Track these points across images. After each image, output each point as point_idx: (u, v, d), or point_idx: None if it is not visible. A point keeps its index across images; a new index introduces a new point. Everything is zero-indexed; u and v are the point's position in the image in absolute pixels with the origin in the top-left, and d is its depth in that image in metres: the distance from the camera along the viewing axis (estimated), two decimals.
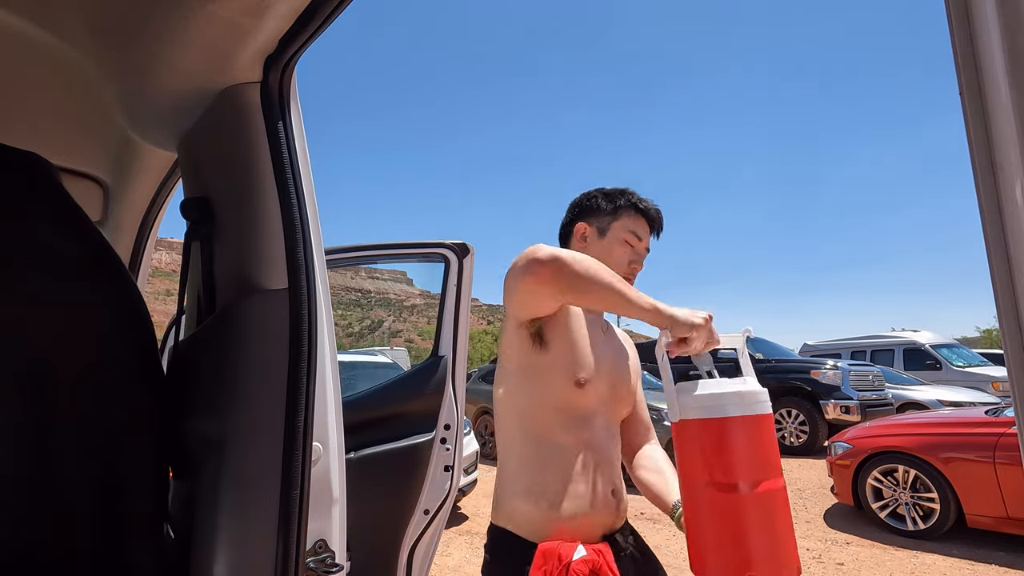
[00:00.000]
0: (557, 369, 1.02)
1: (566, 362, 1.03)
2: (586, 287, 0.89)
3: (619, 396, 1.13)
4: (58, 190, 0.78)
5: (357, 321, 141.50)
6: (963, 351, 10.98)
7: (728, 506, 0.81)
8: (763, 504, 0.80)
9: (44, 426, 0.71)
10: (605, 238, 1.14)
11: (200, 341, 0.90)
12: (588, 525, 0.98)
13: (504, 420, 1.08)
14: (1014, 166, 0.39)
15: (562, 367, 1.02)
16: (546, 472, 0.98)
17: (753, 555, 0.78)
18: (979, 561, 3.64)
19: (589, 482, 0.99)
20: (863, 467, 4.39)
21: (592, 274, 0.89)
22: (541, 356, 1.03)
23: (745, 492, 0.80)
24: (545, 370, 1.03)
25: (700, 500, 0.84)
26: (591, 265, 0.90)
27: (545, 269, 0.90)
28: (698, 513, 0.85)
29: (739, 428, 0.83)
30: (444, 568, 3.82)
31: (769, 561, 0.78)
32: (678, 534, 4.42)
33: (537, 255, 0.91)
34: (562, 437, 1.00)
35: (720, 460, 0.82)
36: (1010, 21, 0.39)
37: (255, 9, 0.70)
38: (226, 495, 0.73)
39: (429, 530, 1.83)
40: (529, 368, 1.04)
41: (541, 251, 0.91)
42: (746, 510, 0.80)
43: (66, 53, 0.96)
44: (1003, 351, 0.41)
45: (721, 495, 0.81)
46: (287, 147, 0.81)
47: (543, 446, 1.00)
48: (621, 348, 1.20)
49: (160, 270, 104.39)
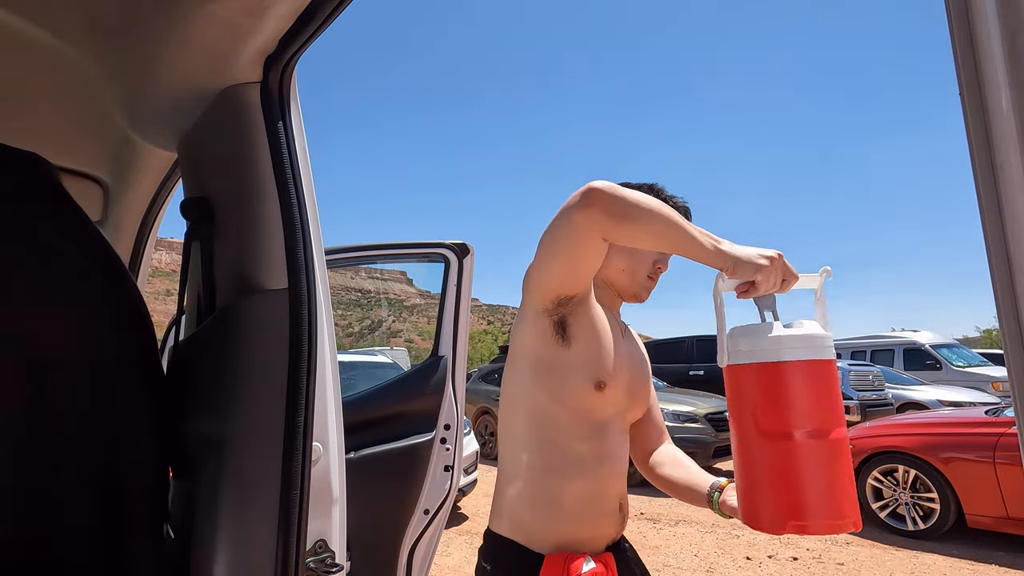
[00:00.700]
0: (578, 368, 0.94)
1: (588, 361, 0.95)
2: (642, 216, 0.81)
3: (636, 401, 1.08)
4: (58, 190, 0.78)
5: (357, 321, 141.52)
6: (963, 351, 10.98)
7: (784, 454, 0.77)
8: (821, 453, 0.76)
9: (44, 426, 0.71)
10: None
11: (200, 341, 0.90)
12: (596, 537, 0.96)
13: (510, 418, 1.00)
14: (1014, 166, 0.39)
15: (583, 366, 0.95)
16: (556, 481, 0.94)
17: (809, 505, 0.75)
18: (979, 561, 3.64)
19: (601, 495, 0.96)
20: (863, 467, 4.39)
21: (649, 202, 0.82)
22: (561, 350, 0.94)
23: (802, 440, 0.76)
24: (564, 367, 0.94)
25: (755, 449, 0.80)
26: (648, 197, 0.83)
27: (601, 193, 0.81)
28: (753, 463, 0.81)
29: (798, 373, 0.78)
30: (444, 568, 3.82)
31: (826, 512, 0.75)
32: (678, 534, 4.42)
33: (592, 184, 0.82)
34: (576, 445, 0.95)
35: (776, 407, 0.78)
36: (1010, 21, 0.39)
37: (255, 9, 0.70)
38: (226, 495, 0.73)
39: (429, 530, 1.83)
40: (546, 362, 0.95)
41: (597, 182, 0.83)
42: (802, 459, 0.76)
43: (66, 53, 0.96)
44: (1003, 351, 0.41)
45: (775, 443, 0.78)
46: (287, 147, 0.81)
47: (555, 452, 0.95)
48: (638, 350, 1.12)
49: (160, 270, 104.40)
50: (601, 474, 0.96)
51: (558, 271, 0.89)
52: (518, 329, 1.00)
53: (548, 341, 0.94)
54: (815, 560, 3.81)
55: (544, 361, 0.95)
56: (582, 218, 0.82)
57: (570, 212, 0.83)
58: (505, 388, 1.03)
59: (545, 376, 0.95)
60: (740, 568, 3.74)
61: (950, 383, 9.35)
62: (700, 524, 4.70)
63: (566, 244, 0.86)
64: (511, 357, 1.01)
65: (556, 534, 0.92)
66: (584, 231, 0.84)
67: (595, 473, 0.95)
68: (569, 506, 0.92)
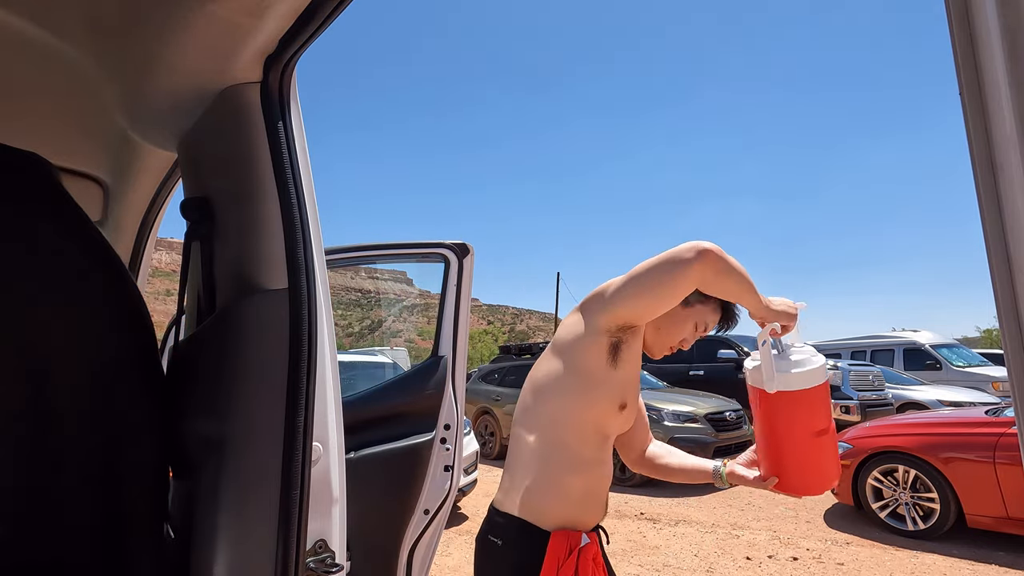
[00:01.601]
0: (613, 388, 1.11)
1: (622, 385, 1.12)
2: (733, 276, 1.03)
3: (633, 417, 1.24)
4: (58, 190, 0.78)
5: (357, 321, 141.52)
6: (963, 351, 10.98)
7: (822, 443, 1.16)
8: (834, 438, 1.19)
9: (44, 426, 0.71)
10: (683, 308, 1.19)
11: (200, 341, 0.90)
12: (589, 521, 1.15)
13: (535, 416, 1.13)
14: (1014, 166, 0.39)
15: (617, 388, 1.11)
16: (567, 478, 1.10)
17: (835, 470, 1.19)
18: (979, 561, 3.64)
19: (597, 490, 1.16)
20: (863, 467, 4.39)
21: (740, 267, 1.04)
22: (607, 371, 1.09)
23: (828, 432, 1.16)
24: (604, 385, 1.10)
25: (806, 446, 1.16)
26: (737, 262, 1.04)
27: (714, 255, 0.99)
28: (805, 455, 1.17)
29: (825, 388, 1.17)
30: (444, 568, 3.82)
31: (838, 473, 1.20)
32: (678, 534, 4.42)
33: (707, 246, 1.00)
34: (585, 450, 1.12)
35: (820, 413, 1.15)
36: (1010, 21, 0.39)
37: (255, 9, 0.70)
38: (226, 495, 0.73)
39: (429, 530, 1.83)
40: (591, 376, 1.09)
41: (703, 243, 1.01)
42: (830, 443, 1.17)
43: (66, 53, 0.96)
44: (1003, 351, 0.41)
45: (819, 438, 1.15)
46: (287, 147, 0.81)
47: (567, 454, 1.10)
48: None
49: (160, 270, 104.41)
50: (600, 474, 1.16)
51: (646, 306, 1.05)
52: (572, 338, 1.12)
53: (601, 359, 1.09)
54: (815, 560, 3.81)
55: (589, 375, 1.09)
56: (693, 271, 0.99)
57: (684, 263, 0.99)
58: (538, 383, 1.15)
59: (585, 388, 1.10)
60: (740, 568, 3.74)
61: (950, 383, 9.35)
62: (700, 524, 4.70)
63: (667, 287, 1.02)
64: (554, 358, 1.14)
65: (561, 517, 1.10)
66: (690, 281, 1.01)
67: (596, 474, 1.15)
68: (574, 497, 1.12)
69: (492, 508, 1.17)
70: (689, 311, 1.20)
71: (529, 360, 8.30)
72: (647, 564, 3.84)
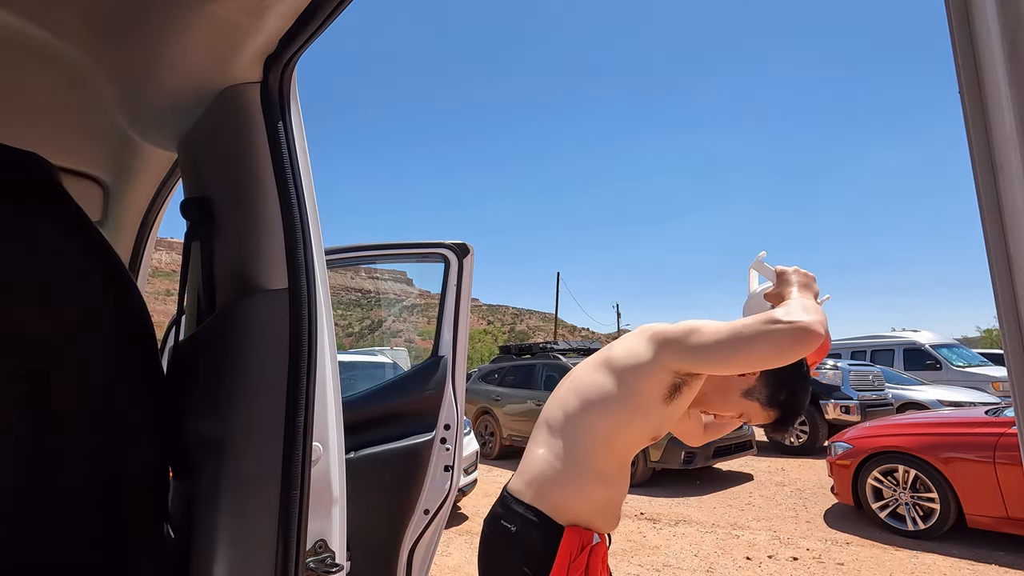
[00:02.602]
0: (656, 421, 1.15)
1: (666, 420, 1.16)
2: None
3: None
4: (58, 190, 0.78)
5: (357, 321, 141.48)
6: (963, 351, 10.97)
7: None
8: None
9: (44, 426, 0.71)
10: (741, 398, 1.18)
11: (200, 341, 0.90)
12: (602, 527, 1.20)
13: (574, 422, 1.16)
14: (1014, 166, 0.39)
15: (660, 422, 1.15)
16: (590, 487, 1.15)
17: None
18: (979, 561, 3.64)
19: (617, 503, 1.23)
20: (863, 467, 4.39)
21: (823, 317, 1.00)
22: (659, 405, 1.12)
23: None
24: (649, 416, 1.13)
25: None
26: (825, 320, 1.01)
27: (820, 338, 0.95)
28: None
29: None
30: (444, 568, 3.82)
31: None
32: (678, 534, 4.43)
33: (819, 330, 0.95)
34: (615, 467, 1.18)
35: None
36: (1010, 21, 0.39)
37: (255, 9, 0.70)
38: (226, 495, 0.73)
39: (429, 530, 1.83)
40: (643, 404, 1.12)
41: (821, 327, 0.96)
42: None
43: (66, 53, 0.96)
44: (1003, 351, 0.41)
45: None
46: (287, 147, 0.81)
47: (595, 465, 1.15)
48: None
49: (160, 270, 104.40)
50: (620, 489, 1.22)
51: (723, 362, 1.02)
52: (635, 364, 1.12)
53: (657, 393, 1.11)
54: (815, 560, 3.81)
55: (641, 404, 1.12)
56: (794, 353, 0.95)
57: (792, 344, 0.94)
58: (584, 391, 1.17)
59: (632, 413, 1.13)
60: (740, 568, 3.74)
61: (950, 383, 9.34)
62: (700, 524, 4.70)
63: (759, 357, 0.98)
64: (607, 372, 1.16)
65: (577, 517, 1.15)
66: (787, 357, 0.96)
67: (617, 488, 1.21)
68: (594, 504, 1.17)
69: (508, 495, 1.19)
70: (744, 403, 1.18)
71: (529, 360, 8.29)
72: (647, 564, 3.84)
